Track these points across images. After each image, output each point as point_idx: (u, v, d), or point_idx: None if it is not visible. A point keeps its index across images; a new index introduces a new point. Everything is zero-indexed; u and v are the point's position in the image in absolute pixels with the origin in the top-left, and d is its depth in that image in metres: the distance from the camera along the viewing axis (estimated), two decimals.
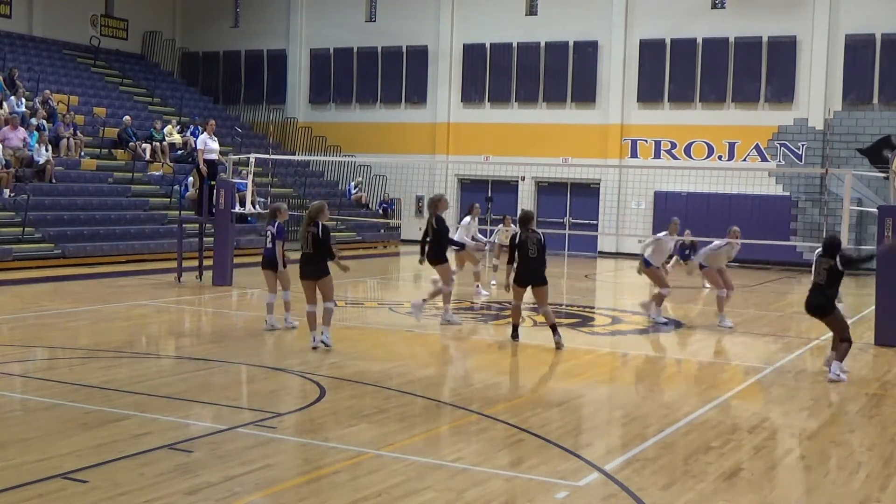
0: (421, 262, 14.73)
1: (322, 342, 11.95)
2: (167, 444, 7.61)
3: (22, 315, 14.56)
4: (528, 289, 12.85)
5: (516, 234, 12.85)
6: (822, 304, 11.23)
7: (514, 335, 13.24)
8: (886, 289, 13.88)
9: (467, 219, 19.13)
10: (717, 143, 28.93)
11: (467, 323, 15.11)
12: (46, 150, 23.59)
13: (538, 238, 12.72)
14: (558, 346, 12.65)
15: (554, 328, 12.80)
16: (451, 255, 15.71)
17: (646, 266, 15.35)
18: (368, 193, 32.66)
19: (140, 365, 11.12)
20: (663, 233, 16.06)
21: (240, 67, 36.00)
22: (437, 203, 14.59)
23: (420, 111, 33.06)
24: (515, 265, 12.76)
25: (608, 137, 30.12)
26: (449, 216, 19.68)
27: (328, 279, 11.92)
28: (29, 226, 21.29)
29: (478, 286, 17.99)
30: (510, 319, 14.08)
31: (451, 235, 16.41)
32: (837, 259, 11.11)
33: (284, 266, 13.46)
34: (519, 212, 14.50)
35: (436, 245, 14.46)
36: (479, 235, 19.89)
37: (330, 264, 11.98)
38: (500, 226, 20.15)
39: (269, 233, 13.52)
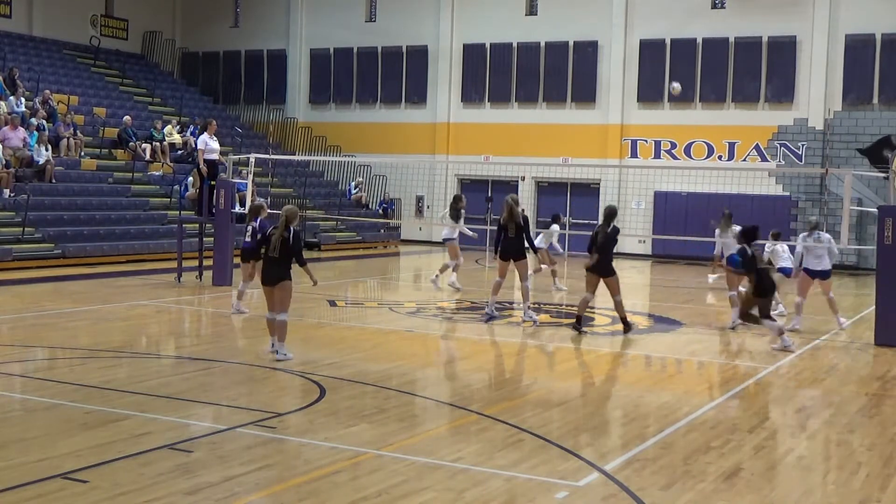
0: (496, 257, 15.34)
1: (276, 352, 11.25)
2: (167, 444, 7.61)
3: (22, 315, 14.56)
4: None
5: (596, 226, 14.15)
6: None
7: (578, 326, 14.06)
8: (886, 289, 13.88)
9: (555, 227, 20.80)
10: (717, 143, 28.93)
11: (467, 323, 15.11)
12: (46, 150, 23.59)
13: (607, 232, 13.90)
14: (626, 331, 14.12)
15: (624, 321, 14.14)
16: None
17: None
18: (368, 193, 32.65)
19: (140, 365, 11.12)
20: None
21: (240, 67, 36.01)
22: (517, 202, 15.13)
23: (420, 111, 33.06)
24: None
25: (608, 137, 30.12)
26: (437, 216, 19.73)
27: (286, 285, 11.18)
28: (29, 226, 21.28)
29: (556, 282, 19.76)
30: (511, 320, 14.12)
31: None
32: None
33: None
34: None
35: (520, 241, 15.03)
36: (556, 245, 21.68)
37: (299, 272, 11.34)
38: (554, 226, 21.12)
39: (250, 227, 14.13)
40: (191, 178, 25.22)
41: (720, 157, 28.78)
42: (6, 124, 23.17)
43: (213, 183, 19.34)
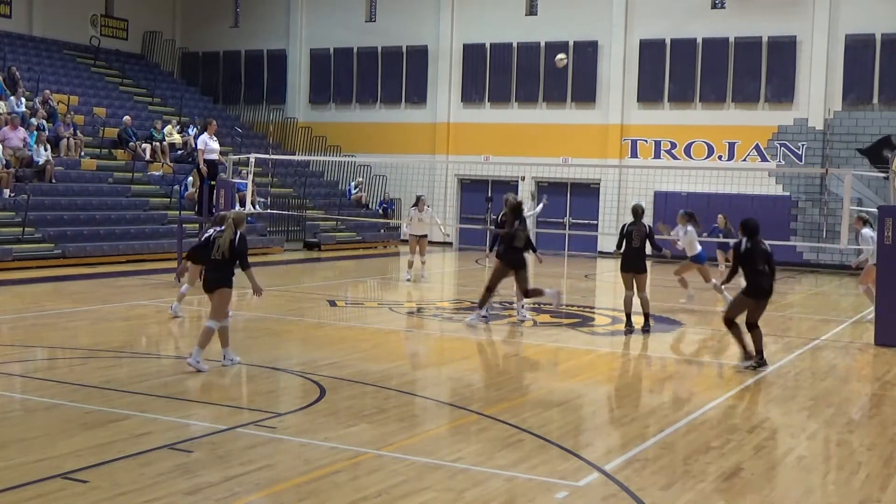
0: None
1: (230, 360, 10.86)
2: (167, 444, 7.61)
3: (22, 315, 14.55)
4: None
5: (625, 224, 14.34)
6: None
7: (628, 326, 14.19)
8: (886, 289, 13.89)
9: None
10: (717, 143, 28.92)
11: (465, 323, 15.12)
12: (45, 150, 23.59)
13: (643, 231, 14.19)
14: (645, 331, 14.20)
15: (646, 317, 14.34)
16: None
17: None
18: (368, 193, 32.66)
19: (140, 365, 11.11)
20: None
21: (240, 67, 36.00)
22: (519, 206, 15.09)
23: (420, 111, 33.06)
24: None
25: (608, 137, 30.12)
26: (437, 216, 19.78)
27: (226, 292, 10.71)
28: (29, 226, 21.28)
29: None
30: (511, 319, 14.13)
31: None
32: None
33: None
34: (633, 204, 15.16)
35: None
36: None
37: (242, 275, 10.91)
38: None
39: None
40: (191, 178, 25.24)
41: (720, 157, 28.77)
42: (6, 124, 23.17)
43: (213, 183, 19.35)
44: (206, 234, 11.42)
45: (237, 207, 20.11)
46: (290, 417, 8.72)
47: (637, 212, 14.56)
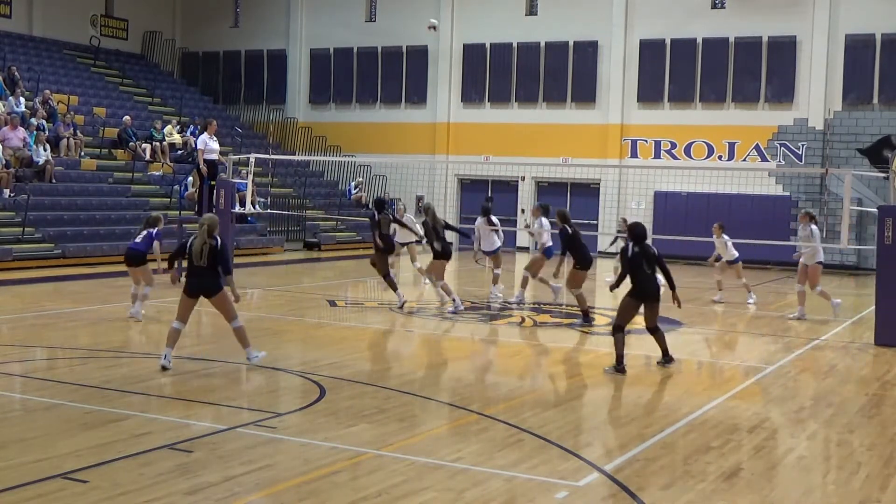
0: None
1: (253, 358, 10.86)
2: (167, 444, 7.61)
3: (22, 315, 14.56)
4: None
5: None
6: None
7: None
8: (886, 289, 13.88)
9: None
10: (717, 143, 28.93)
11: (466, 323, 15.11)
12: (45, 150, 23.58)
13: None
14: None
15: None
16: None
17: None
18: (368, 193, 32.65)
19: (140, 365, 11.11)
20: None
21: (240, 67, 36.00)
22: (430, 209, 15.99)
23: (420, 111, 33.06)
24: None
25: (608, 137, 30.12)
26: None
27: (223, 295, 10.69)
28: (29, 226, 21.28)
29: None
30: (511, 319, 14.10)
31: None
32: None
33: (161, 269, 13.82)
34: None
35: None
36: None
37: (224, 281, 10.89)
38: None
39: (145, 233, 14.26)
40: (191, 178, 25.24)
41: (720, 157, 28.78)
42: (6, 124, 23.17)
43: (213, 183, 19.35)
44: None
45: (237, 207, 20.10)
46: (290, 417, 8.72)
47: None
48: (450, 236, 17.77)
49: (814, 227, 16.36)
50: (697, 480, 7.23)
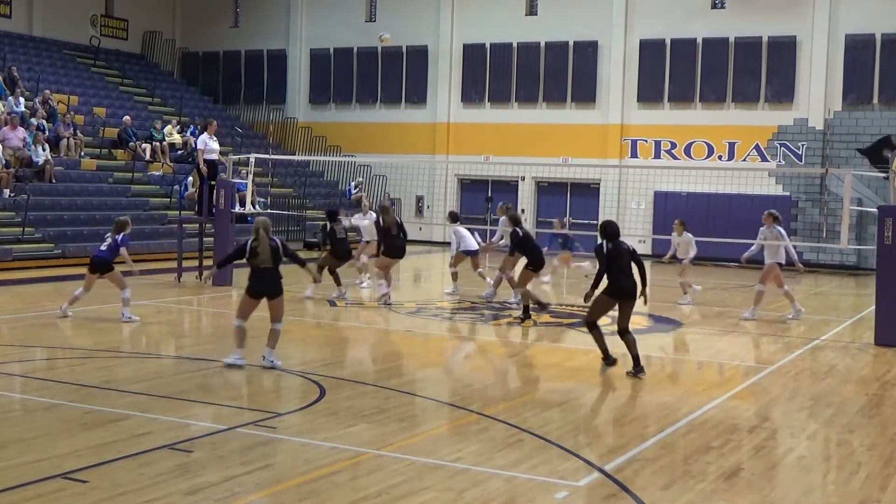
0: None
1: (271, 361, 10.92)
2: (167, 444, 7.61)
3: (22, 315, 14.56)
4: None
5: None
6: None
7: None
8: (886, 289, 13.88)
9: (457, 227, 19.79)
10: (717, 143, 28.92)
11: (466, 323, 15.11)
12: (44, 150, 23.58)
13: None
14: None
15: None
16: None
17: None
18: (368, 193, 32.63)
19: (140, 365, 11.12)
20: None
21: (240, 67, 36.00)
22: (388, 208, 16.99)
23: (420, 111, 33.05)
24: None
25: (608, 137, 30.12)
26: (437, 216, 19.83)
27: (282, 298, 10.95)
28: (29, 226, 21.28)
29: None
30: (511, 319, 14.06)
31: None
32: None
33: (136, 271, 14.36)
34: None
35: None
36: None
37: (301, 271, 11.29)
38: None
39: (110, 240, 14.22)
40: (191, 178, 25.24)
41: (720, 157, 28.77)
42: (6, 124, 23.18)
43: (212, 183, 19.34)
44: (241, 243, 11.42)
45: (237, 207, 20.09)
46: (290, 417, 8.72)
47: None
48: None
49: (780, 227, 16.32)
50: (697, 480, 7.23)
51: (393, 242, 16.70)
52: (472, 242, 18.61)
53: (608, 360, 11.20)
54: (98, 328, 13.52)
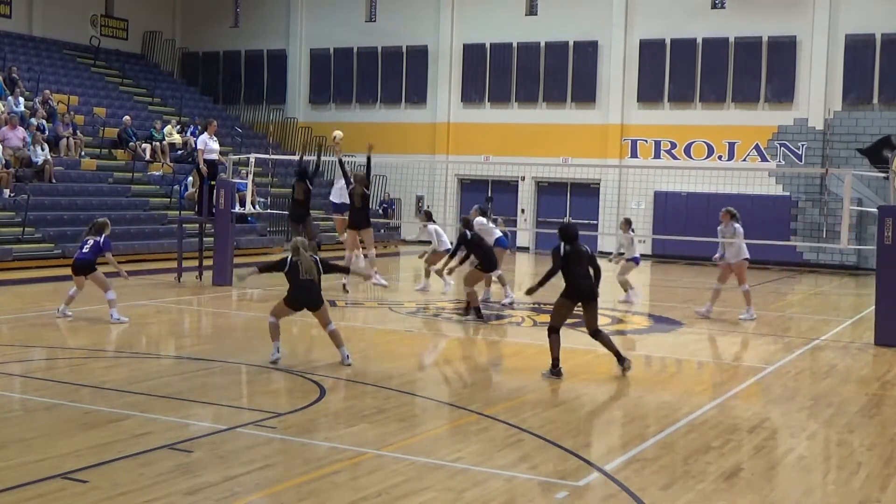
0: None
1: (346, 358, 11.21)
2: (167, 444, 7.61)
3: (22, 315, 14.56)
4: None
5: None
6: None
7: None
8: (886, 289, 13.88)
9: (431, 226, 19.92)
10: (717, 143, 28.93)
11: (466, 323, 15.11)
12: (42, 150, 23.58)
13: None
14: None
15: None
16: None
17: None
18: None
19: (140, 365, 11.12)
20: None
21: (240, 67, 36.01)
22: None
23: (420, 111, 33.06)
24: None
25: (608, 137, 30.12)
26: (437, 216, 19.78)
27: (325, 307, 11.43)
28: (29, 226, 21.28)
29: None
30: (511, 320, 14.05)
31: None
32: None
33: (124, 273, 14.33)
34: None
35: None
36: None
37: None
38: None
39: (91, 241, 14.04)
40: (191, 178, 25.24)
41: (720, 157, 28.78)
42: (6, 124, 23.18)
43: (212, 183, 19.34)
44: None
45: (237, 207, 20.08)
46: (290, 417, 8.72)
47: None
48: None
49: (737, 225, 16.17)
50: (697, 480, 7.23)
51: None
52: (447, 242, 18.87)
53: (555, 371, 10.94)
54: (98, 328, 13.52)
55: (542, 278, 11.01)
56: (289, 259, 11.25)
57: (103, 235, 14.12)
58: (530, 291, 11.29)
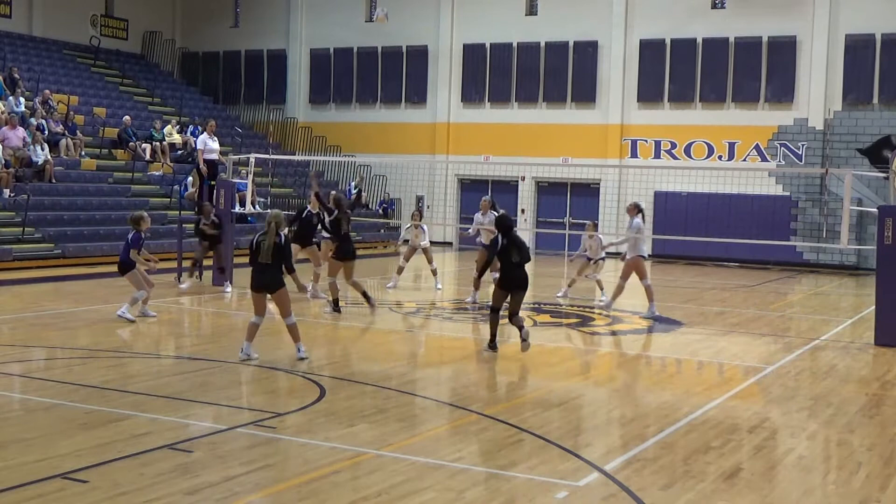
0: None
1: (301, 353, 11.25)
2: (167, 444, 7.61)
3: (22, 315, 14.56)
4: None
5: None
6: None
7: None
8: (886, 289, 13.88)
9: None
10: (717, 143, 28.93)
11: (466, 323, 15.11)
12: (42, 150, 23.58)
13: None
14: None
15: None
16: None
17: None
18: (368, 193, 32.65)
19: (140, 365, 11.12)
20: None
21: (240, 67, 36.00)
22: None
23: (420, 111, 33.06)
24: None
25: (608, 137, 30.12)
26: (437, 216, 19.82)
27: (284, 292, 11.11)
28: (29, 226, 21.28)
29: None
30: (505, 321, 13.94)
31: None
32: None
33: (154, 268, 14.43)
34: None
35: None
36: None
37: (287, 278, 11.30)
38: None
39: (126, 239, 14.14)
40: (191, 178, 25.24)
41: (720, 157, 28.78)
42: (6, 124, 23.18)
43: (212, 183, 19.34)
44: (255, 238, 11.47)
45: (237, 207, 20.08)
46: (290, 417, 8.72)
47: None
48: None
49: (637, 219, 16.06)
50: (697, 480, 7.23)
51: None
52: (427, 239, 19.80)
53: (491, 345, 12.07)
54: (98, 328, 13.52)
55: (479, 270, 11.78)
56: (257, 238, 11.14)
57: (133, 232, 14.10)
58: (475, 283, 12.75)
